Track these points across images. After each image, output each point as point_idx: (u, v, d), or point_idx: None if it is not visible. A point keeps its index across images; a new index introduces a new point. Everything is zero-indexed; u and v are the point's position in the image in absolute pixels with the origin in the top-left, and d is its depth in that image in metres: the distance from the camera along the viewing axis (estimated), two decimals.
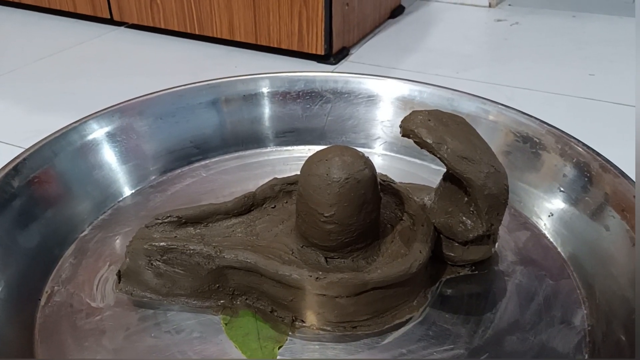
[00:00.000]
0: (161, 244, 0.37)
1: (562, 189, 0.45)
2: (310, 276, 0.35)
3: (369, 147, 0.55)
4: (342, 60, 0.88)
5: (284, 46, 0.87)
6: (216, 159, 0.54)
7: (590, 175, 0.44)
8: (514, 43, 0.97)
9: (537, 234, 0.45)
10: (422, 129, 0.36)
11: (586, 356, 0.35)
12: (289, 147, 0.57)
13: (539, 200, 0.47)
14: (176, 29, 0.95)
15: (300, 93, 0.57)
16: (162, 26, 0.96)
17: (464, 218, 0.38)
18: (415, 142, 0.37)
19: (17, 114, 0.72)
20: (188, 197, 0.49)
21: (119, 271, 0.39)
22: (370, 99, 0.57)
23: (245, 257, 0.36)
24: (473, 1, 1.15)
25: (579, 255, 0.42)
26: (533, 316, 0.37)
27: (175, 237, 0.39)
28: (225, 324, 0.37)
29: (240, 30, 0.89)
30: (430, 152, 0.36)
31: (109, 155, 0.49)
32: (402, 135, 0.37)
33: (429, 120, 0.37)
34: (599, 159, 0.44)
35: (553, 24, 1.05)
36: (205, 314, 0.37)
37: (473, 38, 1.00)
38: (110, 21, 1.02)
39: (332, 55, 0.86)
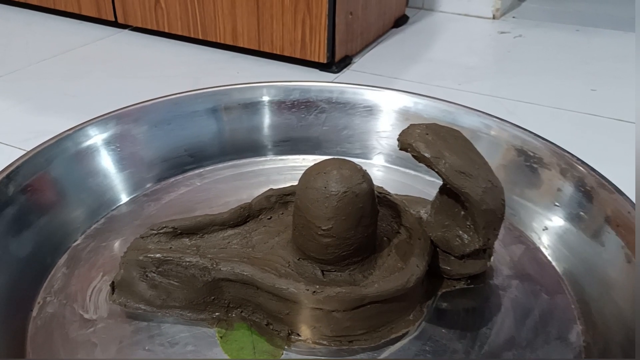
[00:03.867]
0: (156, 255, 0.36)
1: (557, 204, 0.46)
2: (307, 290, 0.34)
3: (364, 158, 0.55)
4: (345, 69, 0.88)
5: (286, 53, 0.87)
6: (210, 167, 0.54)
7: (586, 191, 0.44)
8: (516, 56, 0.97)
9: (532, 248, 0.45)
10: (420, 142, 0.36)
11: None
12: (283, 157, 0.56)
13: (533, 215, 0.47)
14: (180, 33, 0.96)
15: (296, 102, 0.57)
16: (166, 30, 0.97)
17: (460, 232, 0.38)
18: (413, 156, 0.36)
19: (19, 115, 0.72)
20: (182, 206, 0.48)
21: (113, 282, 0.38)
22: (367, 110, 0.56)
23: (242, 269, 0.36)
24: (477, 12, 1.15)
25: (573, 270, 0.42)
26: (529, 332, 0.37)
27: (170, 248, 0.38)
28: (220, 337, 0.36)
29: (243, 36, 0.89)
30: (428, 166, 0.36)
31: (103, 163, 0.49)
32: (400, 149, 0.37)
33: (427, 134, 0.37)
34: (595, 175, 0.44)
35: (557, 38, 1.05)
36: (200, 327, 0.37)
37: (476, 50, 1.00)
38: (115, 23, 1.03)
39: (335, 63, 0.87)
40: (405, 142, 0.37)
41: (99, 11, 1.02)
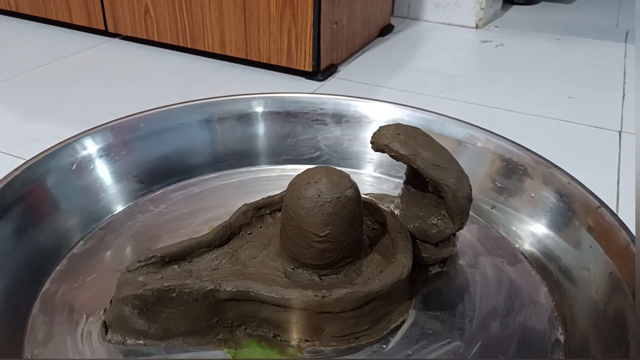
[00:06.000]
0: (156, 286, 0.36)
1: (499, 184, 0.51)
2: (317, 296, 0.36)
3: (313, 164, 0.57)
4: (330, 77, 0.90)
5: (273, 62, 0.89)
6: (161, 191, 0.52)
7: (523, 168, 0.49)
8: (498, 64, 1.01)
9: (484, 227, 0.49)
10: (395, 142, 0.39)
11: (560, 329, 0.39)
12: (228, 171, 0.56)
13: (479, 195, 0.51)
14: (169, 42, 0.97)
15: (237, 116, 0.57)
16: (156, 39, 0.98)
17: (435, 221, 0.41)
18: (390, 155, 0.39)
19: (11, 122, 0.73)
20: (145, 235, 0.47)
21: (104, 322, 0.37)
22: (306, 116, 0.58)
23: (247, 286, 0.36)
24: (461, 22, 1.19)
25: (524, 239, 0.47)
26: (506, 301, 0.42)
27: (161, 277, 0.38)
28: (232, 357, 0.36)
29: (231, 45, 0.91)
30: (406, 163, 0.39)
31: (54, 201, 0.46)
32: (375, 150, 0.40)
33: (399, 134, 0.40)
34: (531, 153, 0.49)
35: (537, 47, 1.10)
36: (208, 351, 0.37)
37: (459, 58, 1.04)
38: (105, 32, 1.04)
39: (320, 72, 0.89)
40: (381, 144, 0.39)
41: (90, 20, 1.03)
